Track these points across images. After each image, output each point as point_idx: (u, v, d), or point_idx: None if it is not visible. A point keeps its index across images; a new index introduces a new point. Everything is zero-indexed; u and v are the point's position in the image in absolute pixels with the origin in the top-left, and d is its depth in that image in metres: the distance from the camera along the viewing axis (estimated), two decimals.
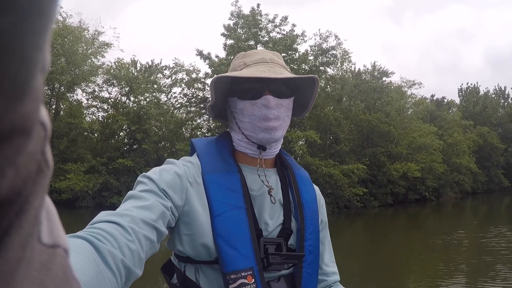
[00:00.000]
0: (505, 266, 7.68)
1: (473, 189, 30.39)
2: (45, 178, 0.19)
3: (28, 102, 0.16)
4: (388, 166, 21.09)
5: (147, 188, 0.88)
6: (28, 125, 0.16)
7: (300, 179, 1.09)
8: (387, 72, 23.59)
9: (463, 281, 6.98)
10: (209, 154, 1.03)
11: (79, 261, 0.59)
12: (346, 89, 21.57)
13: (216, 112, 1.09)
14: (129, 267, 0.70)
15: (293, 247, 1.02)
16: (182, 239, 0.93)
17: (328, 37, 19.95)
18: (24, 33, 0.15)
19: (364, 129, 22.05)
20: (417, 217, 18.54)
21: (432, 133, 23.84)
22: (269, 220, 1.00)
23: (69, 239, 0.64)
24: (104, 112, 21.22)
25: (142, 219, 0.78)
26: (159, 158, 19.56)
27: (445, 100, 39.05)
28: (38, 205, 0.19)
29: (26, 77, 0.15)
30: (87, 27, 20.18)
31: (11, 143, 0.16)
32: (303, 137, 17.73)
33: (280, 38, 19.49)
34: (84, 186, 16.80)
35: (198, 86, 20.31)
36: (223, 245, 0.90)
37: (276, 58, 1.05)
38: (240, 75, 0.96)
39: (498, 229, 12.40)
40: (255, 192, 1.00)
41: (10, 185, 0.16)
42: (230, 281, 0.89)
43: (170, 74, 21.04)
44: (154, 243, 0.80)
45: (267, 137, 0.97)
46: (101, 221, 0.74)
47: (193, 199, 0.93)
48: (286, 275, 1.00)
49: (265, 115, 0.95)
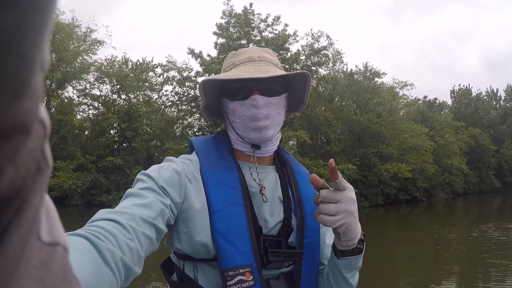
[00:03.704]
0: (495, 264, 7.77)
1: (464, 190, 30.58)
2: (44, 176, 0.19)
3: (27, 100, 0.16)
4: (379, 167, 21.16)
5: (146, 186, 0.88)
6: (28, 123, 0.16)
7: (299, 176, 1.08)
8: (379, 72, 23.71)
9: (454, 280, 7.06)
10: (207, 152, 1.03)
11: (79, 259, 0.59)
12: (337, 89, 21.63)
13: (211, 112, 1.09)
14: (129, 265, 0.70)
15: (293, 244, 1.00)
16: (181, 237, 0.92)
17: (319, 37, 20.01)
18: (23, 31, 0.15)
19: (355, 129, 22.11)
20: (408, 217, 18.63)
21: (423, 134, 23.97)
22: (269, 217, 0.99)
23: (69, 237, 0.64)
24: (95, 109, 21.12)
25: (141, 217, 0.78)
26: (149, 156, 19.50)
27: (437, 101, 39.27)
28: (37, 203, 0.19)
29: (25, 75, 0.15)
30: (79, 24, 20.09)
31: (10, 141, 0.16)
32: (294, 136, 17.75)
33: (272, 38, 19.50)
34: (73, 184, 16.74)
35: (190, 84, 20.26)
36: (221, 241, 0.90)
37: (266, 55, 1.04)
38: (224, 78, 0.95)
39: (487, 229, 12.53)
40: (254, 189, 0.99)
41: (10, 184, 0.16)
42: (228, 278, 0.88)
43: (161, 72, 21.00)
44: (153, 241, 0.80)
45: (258, 137, 0.97)
46: (100, 219, 0.74)
47: (192, 196, 0.93)
48: (285, 273, 0.99)
49: (253, 115, 0.95)
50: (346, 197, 0.88)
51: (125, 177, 17.39)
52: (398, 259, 9.27)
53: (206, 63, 18.63)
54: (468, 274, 7.35)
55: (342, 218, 0.87)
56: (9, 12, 0.14)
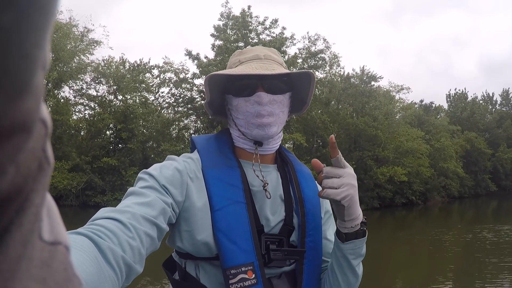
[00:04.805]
0: (489, 267, 7.81)
1: (460, 193, 30.64)
2: (45, 175, 0.19)
3: (29, 99, 0.16)
4: (374, 170, 21.19)
5: (147, 184, 0.88)
6: (29, 123, 0.16)
7: (301, 175, 1.08)
8: (376, 76, 23.76)
9: (449, 284, 7.07)
10: (209, 150, 1.03)
11: (80, 258, 0.59)
12: (334, 92, 21.65)
13: (214, 109, 1.09)
14: (130, 263, 0.70)
15: (295, 243, 1.00)
16: (182, 236, 0.92)
17: (316, 40, 20.05)
18: (25, 30, 0.15)
19: (352, 132, 22.14)
20: (404, 220, 18.66)
21: (419, 138, 24.03)
22: (271, 216, 0.99)
23: (70, 236, 0.64)
24: (91, 110, 21.05)
25: (142, 215, 0.78)
26: (145, 158, 19.44)
27: (433, 105, 39.41)
28: (39, 202, 0.19)
29: (27, 74, 0.15)
30: (76, 23, 20.04)
31: (11, 140, 0.16)
32: (290, 139, 17.76)
33: (269, 41, 19.52)
34: (67, 185, 16.66)
35: (186, 86, 20.24)
36: (223, 239, 0.90)
37: (272, 54, 1.05)
38: (231, 73, 0.96)
39: (482, 231, 12.58)
40: (256, 187, 0.99)
41: (11, 183, 0.16)
42: (230, 276, 0.88)
43: (158, 74, 20.97)
44: (155, 239, 0.80)
45: (261, 134, 0.97)
46: (102, 218, 0.74)
47: (194, 195, 0.93)
48: (287, 272, 0.99)
49: (258, 112, 0.95)
50: (347, 172, 0.93)
51: (120, 178, 17.31)
52: (394, 262, 9.30)
53: (203, 65, 18.62)
54: (464, 277, 7.38)
55: (346, 190, 0.90)
56: (11, 11, 0.14)
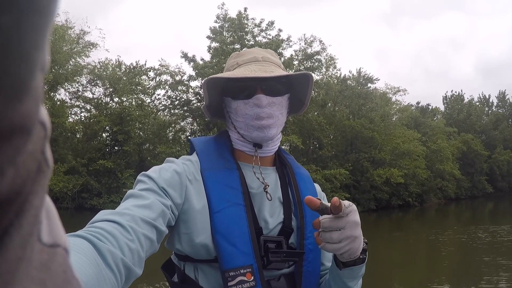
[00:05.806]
0: (486, 268, 7.84)
1: (457, 195, 30.71)
2: (45, 177, 0.19)
3: (28, 101, 0.16)
4: (371, 172, 21.22)
5: (146, 187, 0.88)
6: (28, 125, 0.16)
7: (300, 177, 1.09)
8: (372, 78, 23.83)
9: (446, 284, 7.07)
10: (208, 152, 1.03)
11: (79, 261, 0.59)
12: (330, 94, 21.69)
13: (212, 112, 1.09)
14: (129, 266, 0.70)
15: (293, 245, 1.00)
16: (181, 238, 0.92)
17: (312, 42, 20.09)
18: (24, 31, 0.15)
19: (348, 134, 22.18)
20: (401, 222, 18.68)
21: (416, 140, 24.08)
22: (269, 218, 0.99)
23: (69, 239, 0.63)
24: (87, 112, 21.00)
25: (142, 218, 0.78)
26: (141, 160, 19.39)
27: (430, 107, 39.52)
28: (38, 204, 0.19)
29: (26, 76, 0.15)
30: (73, 26, 19.99)
31: (11, 142, 0.16)
32: (286, 141, 17.77)
33: (266, 43, 19.55)
34: (63, 187, 16.57)
35: (182, 88, 20.23)
36: (222, 242, 0.89)
37: (270, 56, 1.05)
38: (230, 76, 0.96)
39: (478, 232, 12.63)
40: (254, 190, 1.00)
41: (10, 185, 0.16)
42: (229, 278, 0.88)
43: (154, 76, 20.94)
44: (154, 242, 0.80)
45: (261, 136, 0.98)
46: (101, 220, 0.74)
47: (193, 197, 0.93)
48: (286, 274, 0.99)
49: (257, 114, 0.96)
50: (349, 222, 0.82)
51: (116, 181, 17.24)
52: (390, 263, 9.30)
53: (199, 67, 18.62)
54: (460, 277, 7.39)
55: (346, 244, 0.82)
56: (10, 12, 0.14)
